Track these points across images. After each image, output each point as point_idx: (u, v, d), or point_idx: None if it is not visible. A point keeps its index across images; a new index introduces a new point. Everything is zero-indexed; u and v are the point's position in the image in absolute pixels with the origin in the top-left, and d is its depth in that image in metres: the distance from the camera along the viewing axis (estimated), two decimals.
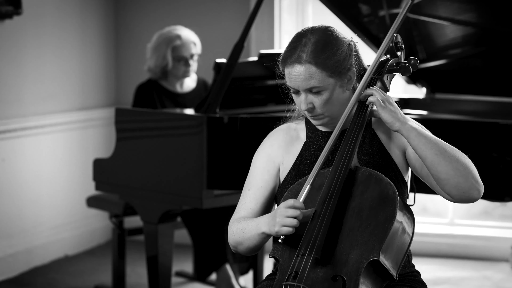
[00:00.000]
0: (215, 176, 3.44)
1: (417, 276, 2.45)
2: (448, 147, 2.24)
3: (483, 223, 5.41)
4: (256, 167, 2.44)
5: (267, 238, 2.30)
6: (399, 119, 2.24)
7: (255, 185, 2.42)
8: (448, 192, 2.24)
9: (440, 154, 2.21)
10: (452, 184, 2.22)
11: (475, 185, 2.23)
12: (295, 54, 2.29)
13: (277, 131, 2.48)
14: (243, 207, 2.41)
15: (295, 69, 2.29)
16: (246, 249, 2.36)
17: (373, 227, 2.17)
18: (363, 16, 4.12)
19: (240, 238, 2.35)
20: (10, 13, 4.78)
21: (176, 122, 3.67)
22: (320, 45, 2.28)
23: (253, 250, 2.36)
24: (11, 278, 4.89)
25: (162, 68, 4.60)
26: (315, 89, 2.29)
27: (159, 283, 3.74)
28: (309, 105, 2.31)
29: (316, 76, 2.28)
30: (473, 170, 2.24)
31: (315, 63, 2.27)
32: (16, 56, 4.94)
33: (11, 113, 4.93)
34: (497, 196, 3.33)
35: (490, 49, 4.07)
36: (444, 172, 2.22)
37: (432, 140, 2.24)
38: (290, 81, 2.32)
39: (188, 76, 4.64)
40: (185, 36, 4.62)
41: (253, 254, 2.41)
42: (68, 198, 5.38)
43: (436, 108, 4.35)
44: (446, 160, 2.21)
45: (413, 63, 2.41)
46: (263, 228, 2.26)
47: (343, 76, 2.31)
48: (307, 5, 5.52)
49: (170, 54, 4.58)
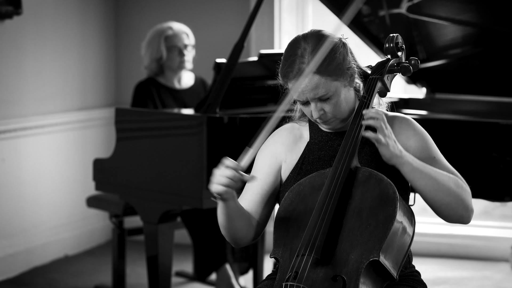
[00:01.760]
0: None
1: (417, 276, 2.45)
2: (442, 179, 2.28)
3: (483, 223, 5.41)
4: (258, 162, 2.45)
5: (223, 208, 2.27)
6: (397, 154, 2.25)
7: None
8: (438, 215, 2.35)
9: (433, 189, 2.27)
10: (443, 213, 2.33)
11: (464, 214, 2.33)
12: (295, 67, 2.29)
13: (281, 129, 2.48)
14: (240, 198, 2.42)
15: (300, 82, 2.28)
16: (223, 229, 2.34)
17: (373, 227, 2.17)
18: (363, 16, 4.12)
19: (219, 219, 2.34)
20: (10, 13, 4.78)
21: (176, 122, 3.67)
22: (318, 53, 2.27)
23: (229, 228, 2.32)
24: (11, 278, 4.89)
25: (157, 61, 4.62)
26: (324, 97, 2.29)
27: (159, 283, 3.74)
28: (321, 112, 2.31)
29: (322, 84, 2.28)
30: (464, 200, 2.31)
31: (318, 72, 2.27)
32: (16, 56, 4.94)
33: (11, 113, 4.93)
34: (497, 196, 3.33)
35: (490, 49, 4.07)
36: (435, 203, 2.30)
37: (426, 174, 2.26)
38: (297, 94, 2.31)
39: (184, 67, 4.65)
40: (177, 27, 4.67)
41: (238, 235, 2.35)
42: (68, 198, 5.37)
43: (436, 108, 4.35)
44: (439, 195, 2.28)
45: (413, 63, 2.41)
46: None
47: (345, 76, 2.31)
48: (307, 5, 5.52)
49: (163, 45, 4.60)
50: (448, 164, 2.38)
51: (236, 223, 2.32)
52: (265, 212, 2.42)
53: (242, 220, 2.33)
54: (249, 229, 2.36)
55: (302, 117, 2.46)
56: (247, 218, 2.36)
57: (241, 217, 2.33)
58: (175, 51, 4.62)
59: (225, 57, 3.76)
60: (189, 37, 4.67)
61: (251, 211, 2.40)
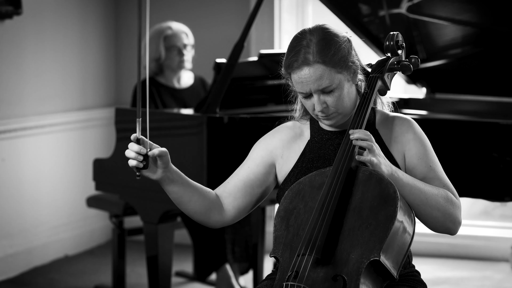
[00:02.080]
0: (215, 176, 3.44)
1: (417, 276, 2.45)
2: (431, 194, 2.28)
3: (483, 223, 5.41)
4: (252, 152, 2.47)
5: (166, 192, 2.33)
6: (389, 172, 2.25)
7: (243, 165, 2.45)
8: (425, 226, 2.36)
9: (421, 204, 2.28)
10: (430, 225, 2.34)
11: (451, 227, 2.33)
12: (300, 57, 2.28)
13: (282, 126, 2.49)
14: (224, 182, 2.45)
15: (304, 72, 2.28)
16: (182, 210, 2.39)
17: (373, 227, 2.17)
18: (363, 16, 4.12)
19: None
20: (10, 13, 4.78)
21: (176, 122, 3.67)
22: (324, 43, 2.28)
23: (184, 209, 2.38)
24: (11, 278, 4.89)
25: (156, 61, 4.62)
26: (328, 89, 2.29)
27: (159, 283, 3.74)
28: (323, 105, 2.31)
29: (326, 74, 2.27)
30: (452, 214, 2.31)
31: (323, 62, 2.27)
32: (16, 56, 4.94)
33: (11, 113, 4.93)
34: (497, 196, 3.33)
35: (490, 49, 4.07)
36: (422, 216, 2.31)
37: (416, 189, 2.27)
38: (300, 85, 2.30)
39: (183, 67, 4.65)
40: (176, 26, 4.66)
41: (198, 217, 2.40)
42: (68, 198, 5.37)
43: (436, 108, 4.35)
44: (427, 210, 2.29)
45: (413, 61, 2.41)
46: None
47: (349, 70, 2.31)
48: (307, 5, 5.52)
49: (162, 45, 4.60)
50: (443, 175, 2.37)
51: (187, 206, 2.35)
52: (245, 200, 2.42)
53: (194, 202, 2.35)
54: (210, 211, 2.38)
55: (303, 116, 2.46)
56: (199, 201, 2.36)
57: (189, 200, 2.34)
58: (174, 50, 4.62)
59: (225, 57, 3.76)
60: (188, 37, 4.67)
61: (230, 193, 2.41)
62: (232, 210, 2.42)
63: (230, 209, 2.42)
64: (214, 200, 2.40)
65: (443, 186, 2.33)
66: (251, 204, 2.44)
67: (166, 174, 2.29)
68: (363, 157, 2.22)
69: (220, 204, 2.41)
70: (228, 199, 2.42)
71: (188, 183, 2.35)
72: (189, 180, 2.35)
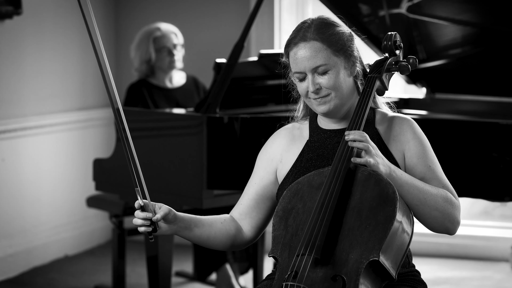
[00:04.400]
0: (215, 176, 3.44)
1: (417, 276, 2.45)
2: (429, 194, 2.28)
3: (483, 223, 5.41)
4: (256, 165, 2.49)
5: (184, 237, 2.37)
6: (387, 172, 2.25)
7: (250, 182, 2.48)
8: (424, 225, 2.35)
9: (420, 203, 2.27)
10: (428, 225, 2.32)
11: (450, 227, 2.32)
12: (299, 35, 2.32)
13: (281, 130, 2.50)
14: (237, 203, 2.47)
15: (300, 47, 2.30)
16: (209, 247, 2.45)
17: (372, 227, 2.17)
18: (363, 16, 4.12)
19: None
20: (10, 13, 4.78)
21: (176, 122, 3.67)
22: (324, 24, 2.33)
23: (207, 246, 2.43)
24: (11, 278, 4.90)
25: (147, 62, 4.64)
26: (322, 68, 2.30)
27: (159, 283, 3.74)
28: (316, 86, 2.31)
29: (322, 52, 2.29)
30: (451, 214, 2.30)
31: (320, 39, 2.29)
32: (16, 56, 4.94)
33: (11, 113, 4.93)
34: (497, 196, 3.33)
35: (490, 49, 4.07)
36: (421, 216, 2.30)
37: (414, 190, 2.27)
38: (295, 63, 2.32)
39: (174, 67, 4.66)
40: (165, 27, 4.68)
41: (220, 247, 2.44)
42: (68, 198, 5.37)
43: (436, 108, 4.35)
44: (425, 209, 2.28)
45: (412, 62, 2.40)
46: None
47: (347, 57, 2.33)
48: (307, 5, 5.52)
49: (152, 47, 4.62)
50: (443, 175, 2.37)
51: (208, 242, 2.40)
52: (262, 216, 2.46)
53: (215, 234, 2.39)
54: (229, 239, 2.42)
55: (304, 116, 2.47)
56: (218, 234, 2.40)
57: (208, 237, 2.39)
58: (164, 51, 4.64)
59: (225, 57, 3.76)
60: (177, 37, 4.69)
61: (246, 214, 2.44)
62: (252, 230, 2.46)
63: (250, 229, 2.46)
64: (233, 225, 2.44)
65: (442, 186, 2.33)
66: (268, 217, 2.48)
67: (177, 226, 2.33)
68: (359, 159, 2.23)
69: (240, 228, 2.45)
70: (245, 220, 2.45)
71: (202, 222, 2.39)
72: (202, 218, 2.39)
